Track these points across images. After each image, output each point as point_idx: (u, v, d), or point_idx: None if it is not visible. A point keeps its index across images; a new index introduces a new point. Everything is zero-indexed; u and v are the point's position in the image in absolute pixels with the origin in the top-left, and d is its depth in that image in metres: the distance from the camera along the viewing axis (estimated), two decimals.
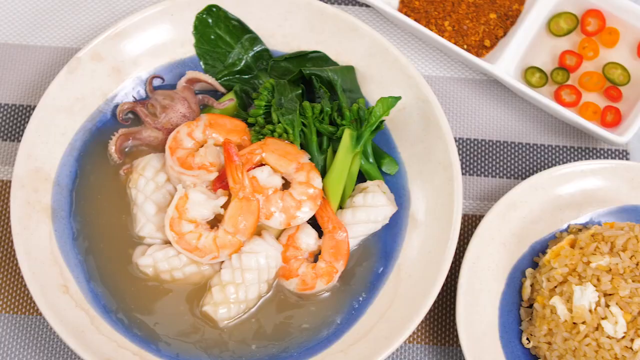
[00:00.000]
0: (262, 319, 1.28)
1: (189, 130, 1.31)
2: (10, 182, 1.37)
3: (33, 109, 1.41)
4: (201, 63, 1.39)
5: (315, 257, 1.30)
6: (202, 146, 1.31)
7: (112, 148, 1.33)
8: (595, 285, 1.22)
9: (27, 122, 1.40)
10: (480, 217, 1.37)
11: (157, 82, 1.38)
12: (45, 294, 1.24)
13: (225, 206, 1.27)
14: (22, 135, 1.39)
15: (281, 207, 1.27)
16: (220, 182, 1.28)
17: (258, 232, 1.29)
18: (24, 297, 1.32)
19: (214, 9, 1.38)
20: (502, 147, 1.40)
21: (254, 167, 1.29)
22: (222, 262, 1.29)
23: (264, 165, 1.29)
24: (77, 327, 1.23)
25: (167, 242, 1.29)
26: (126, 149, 1.35)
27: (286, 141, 1.30)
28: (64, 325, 1.22)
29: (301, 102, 1.32)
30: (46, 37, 1.45)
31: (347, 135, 1.30)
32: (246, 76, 1.39)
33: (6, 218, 1.35)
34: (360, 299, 1.29)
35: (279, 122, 1.30)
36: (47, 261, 1.27)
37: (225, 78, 1.38)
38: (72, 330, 1.22)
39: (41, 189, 1.30)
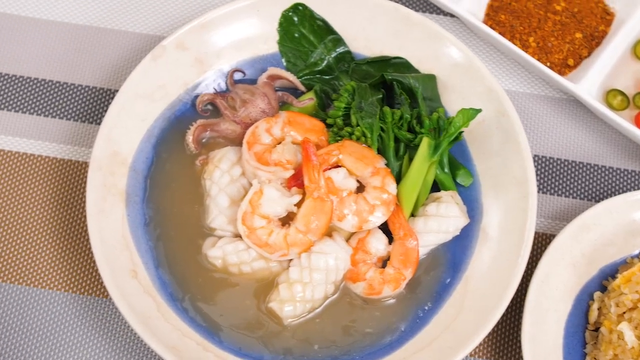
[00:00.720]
0: (327, 320, 1.28)
1: (267, 126, 1.31)
2: (87, 163, 1.38)
3: (114, 92, 1.42)
4: (283, 60, 1.40)
5: (384, 262, 1.30)
6: (279, 143, 1.31)
7: (189, 138, 1.34)
8: None
9: (108, 105, 1.41)
10: (551, 236, 1.36)
11: (238, 75, 1.39)
12: (115, 277, 1.25)
13: (298, 205, 1.28)
14: (101, 119, 1.40)
15: (354, 210, 1.27)
16: (295, 181, 1.29)
17: (329, 233, 1.29)
18: (92, 278, 1.33)
19: (300, 7, 1.39)
20: (578, 167, 1.40)
21: (330, 168, 1.29)
22: (291, 260, 1.29)
23: (339, 167, 1.29)
24: (143, 313, 1.24)
25: (238, 236, 1.30)
26: (203, 140, 1.36)
27: (363, 145, 1.30)
28: (131, 310, 1.23)
29: (381, 107, 1.31)
30: (132, 22, 1.46)
31: (425, 144, 1.30)
32: (327, 77, 1.39)
33: (82, 199, 1.36)
34: (426, 308, 1.29)
35: (358, 125, 1.29)
36: (119, 245, 1.28)
37: (305, 77, 1.39)
38: (139, 316, 1.23)
39: (117, 173, 1.31)
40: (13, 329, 1.30)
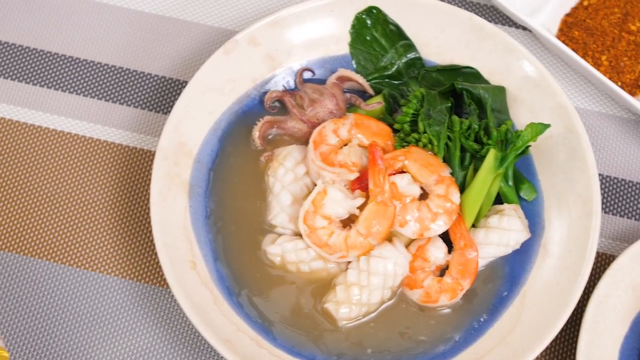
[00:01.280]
0: (381, 325, 1.28)
1: (334, 127, 1.31)
2: (151, 152, 1.39)
3: (182, 83, 1.43)
4: (353, 62, 1.40)
5: (442, 271, 1.30)
6: (345, 145, 1.31)
7: (255, 133, 1.34)
8: None
9: (175, 95, 1.42)
10: (612, 257, 1.35)
11: (307, 74, 1.39)
12: (175, 267, 1.25)
13: (360, 208, 1.27)
14: (168, 108, 1.41)
15: (417, 217, 1.27)
16: (359, 183, 1.28)
17: (389, 238, 1.29)
18: (150, 267, 1.34)
19: (374, 11, 1.39)
20: None
21: (395, 173, 1.29)
22: (349, 262, 1.29)
23: (404, 172, 1.29)
24: (200, 304, 1.25)
25: (298, 234, 1.30)
26: (269, 137, 1.36)
27: (430, 152, 1.29)
28: (189, 301, 1.23)
29: (450, 115, 1.31)
30: (204, 15, 1.47)
31: (491, 155, 1.29)
32: (396, 81, 1.39)
33: (145, 188, 1.37)
34: (482, 319, 1.28)
35: (425, 132, 1.29)
36: (180, 235, 1.28)
37: (374, 80, 1.39)
38: (196, 308, 1.24)
39: (182, 164, 1.32)
40: (71, 312, 1.31)
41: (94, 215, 1.35)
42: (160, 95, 1.42)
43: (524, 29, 1.47)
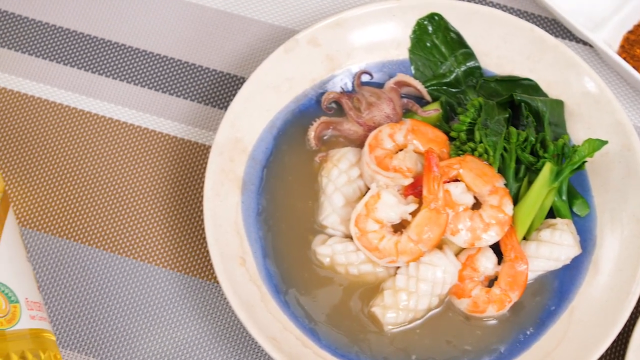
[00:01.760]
0: (427, 332, 1.28)
1: (391, 132, 1.31)
2: (205, 146, 1.39)
3: (239, 79, 1.43)
4: (412, 68, 1.40)
5: (490, 281, 1.29)
6: (400, 150, 1.31)
7: (311, 134, 1.35)
8: None
9: (231, 91, 1.42)
10: None
11: (365, 77, 1.39)
12: (224, 262, 1.26)
13: (413, 214, 1.27)
14: (224, 103, 1.42)
15: (469, 226, 1.27)
16: (413, 189, 1.28)
17: (439, 245, 1.29)
18: (199, 261, 1.34)
19: (436, 17, 1.39)
20: None
21: (449, 182, 1.28)
22: (398, 267, 1.28)
23: (458, 181, 1.29)
24: (248, 301, 1.25)
25: (348, 237, 1.30)
26: (324, 137, 1.36)
27: (485, 162, 1.29)
28: (237, 297, 1.24)
29: (507, 126, 1.31)
30: (264, 12, 1.47)
31: (547, 169, 1.28)
32: (453, 89, 1.39)
33: (198, 181, 1.38)
34: (528, 332, 1.28)
35: (481, 141, 1.29)
36: (231, 231, 1.29)
37: (432, 87, 1.38)
38: (244, 304, 1.24)
39: (237, 160, 1.32)
40: (118, 300, 1.32)
41: (147, 206, 1.36)
42: (218, 90, 1.43)
43: (585, 44, 1.46)
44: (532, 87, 1.37)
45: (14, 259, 1.20)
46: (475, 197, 1.29)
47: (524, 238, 1.30)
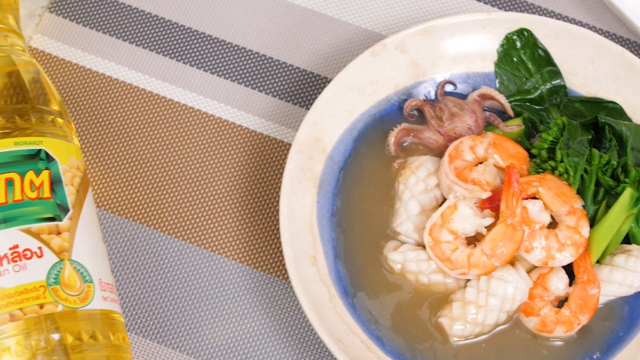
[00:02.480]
0: (492, 347, 1.27)
1: (472, 144, 1.31)
2: (284, 143, 1.40)
3: (322, 79, 1.43)
4: (496, 81, 1.39)
5: (559, 302, 1.29)
6: (480, 163, 1.31)
7: (391, 139, 1.35)
8: None
9: (315, 91, 1.43)
10: None
11: (449, 87, 1.39)
12: (296, 260, 1.26)
13: (488, 228, 1.27)
14: (308, 102, 1.42)
15: (543, 245, 1.26)
16: (490, 203, 1.28)
17: (512, 262, 1.28)
18: (270, 256, 1.35)
19: (525, 33, 1.38)
20: None
21: (527, 199, 1.28)
22: (468, 280, 1.28)
23: (536, 198, 1.28)
24: (317, 300, 1.25)
25: (421, 245, 1.30)
26: (404, 144, 1.36)
27: (564, 182, 1.28)
28: (307, 295, 1.24)
29: (589, 148, 1.30)
30: (353, 14, 1.47)
31: (627, 194, 1.28)
32: (537, 106, 1.38)
33: (275, 177, 1.38)
34: (594, 357, 1.27)
35: (562, 161, 1.28)
36: (305, 229, 1.29)
37: (515, 102, 1.38)
38: (313, 303, 1.24)
39: (316, 159, 1.32)
40: (187, 288, 1.33)
41: (222, 198, 1.37)
42: (300, 87, 1.43)
43: None
44: (616, 111, 1.36)
45: (91, 239, 1.21)
46: (552, 216, 1.28)
47: (598, 261, 1.30)
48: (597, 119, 1.33)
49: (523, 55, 1.39)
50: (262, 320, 1.32)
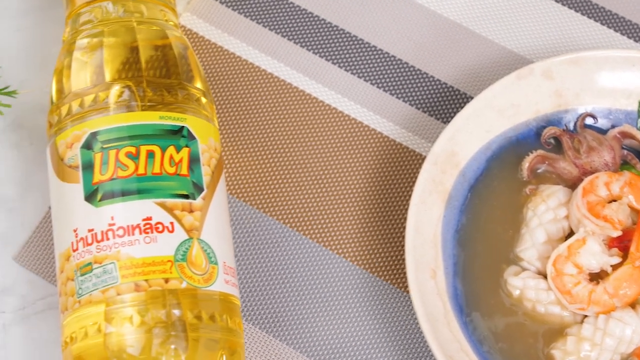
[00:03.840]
0: None
1: (608, 180, 1.29)
2: (417, 153, 1.40)
3: (462, 95, 1.43)
4: (638, 121, 1.38)
5: None
6: (613, 200, 1.29)
7: (525, 164, 1.34)
8: None
9: (454, 105, 1.42)
10: None
11: (589, 120, 1.37)
12: (417, 270, 1.26)
13: (614, 266, 1.25)
14: (445, 116, 1.42)
15: None
16: (619, 242, 1.27)
17: (633, 304, 1.26)
18: (389, 264, 1.35)
19: None
20: None
21: None
22: (586, 316, 1.27)
23: None
24: (432, 314, 1.25)
25: (542, 274, 1.29)
26: (537, 170, 1.35)
27: None
28: (423, 307, 1.24)
29: None
30: (500, 34, 1.47)
31: None
32: None
33: (403, 186, 1.38)
34: None
35: None
36: (429, 241, 1.29)
37: None
38: (428, 315, 1.24)
39: (448, 173, 1.32)
40: (303, 284, 1.34)
41: (348, 199, 1.37)
42: (438, 100, 1.43)
43: None
44: None
45: (220, 221, 1.23)
46: None
47: None
48: None
49: None
50: (373, 325, 1.32)
